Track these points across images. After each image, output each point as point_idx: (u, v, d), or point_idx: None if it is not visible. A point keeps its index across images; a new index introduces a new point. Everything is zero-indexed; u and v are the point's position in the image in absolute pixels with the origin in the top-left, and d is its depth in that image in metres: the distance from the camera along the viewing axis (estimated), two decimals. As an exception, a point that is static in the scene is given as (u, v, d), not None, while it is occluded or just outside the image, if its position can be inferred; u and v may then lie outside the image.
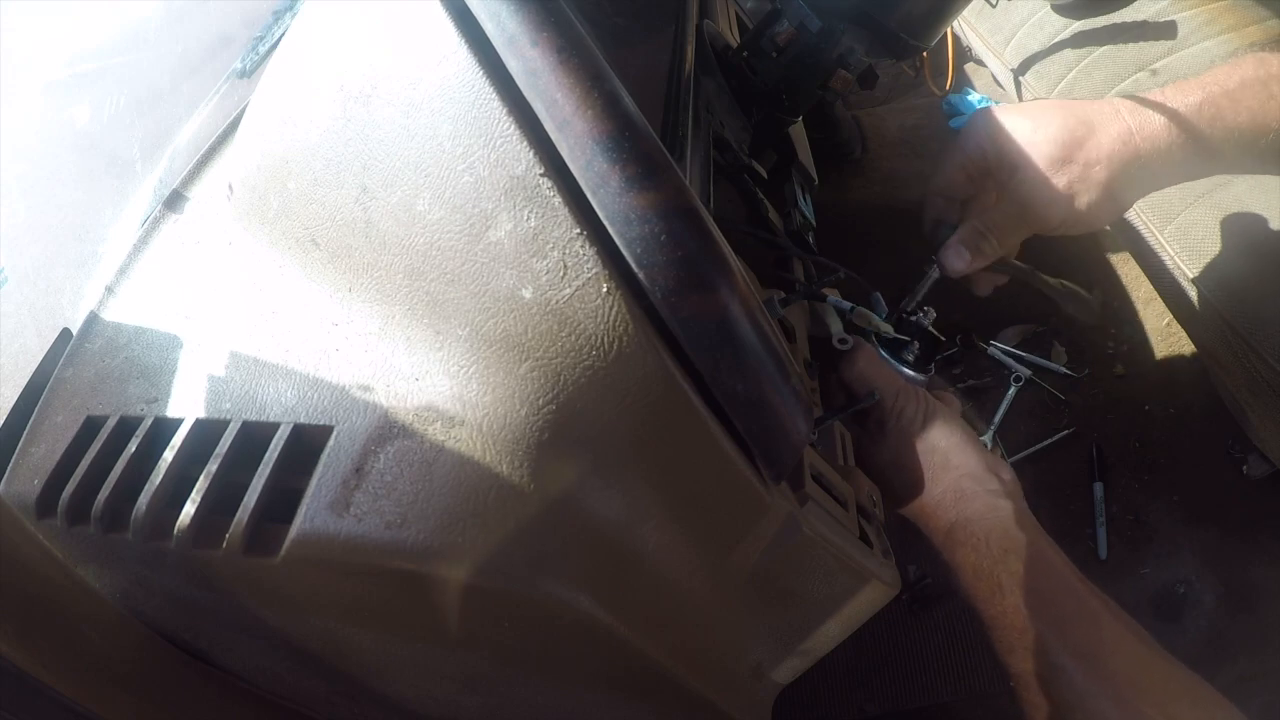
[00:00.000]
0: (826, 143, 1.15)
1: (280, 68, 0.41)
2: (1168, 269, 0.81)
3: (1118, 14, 0.97)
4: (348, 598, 0.35)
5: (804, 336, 0.57)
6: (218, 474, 0.35)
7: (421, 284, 0.34)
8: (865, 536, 0.44)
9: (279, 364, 0.37)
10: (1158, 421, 1.04)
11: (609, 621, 0.35)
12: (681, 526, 0.35)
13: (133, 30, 0.65)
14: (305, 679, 0.42)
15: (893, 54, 0.67)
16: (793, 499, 0.38)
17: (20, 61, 0.68)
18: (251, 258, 0.40)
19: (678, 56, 0.60)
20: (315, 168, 0.37)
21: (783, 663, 0.45)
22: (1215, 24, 0.88)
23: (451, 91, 0.31)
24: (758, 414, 0.33)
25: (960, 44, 1.33)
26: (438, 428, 0.33)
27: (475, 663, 0.39)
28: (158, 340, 0.42)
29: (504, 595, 0.33)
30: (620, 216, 0.30)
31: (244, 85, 0.52)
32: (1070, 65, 0.98)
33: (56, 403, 0.43)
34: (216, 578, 0.36)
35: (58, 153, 0.60)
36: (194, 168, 0.47)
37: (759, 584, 0.40)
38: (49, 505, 0.39)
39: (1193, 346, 0.98)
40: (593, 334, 0.31)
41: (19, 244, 0.56)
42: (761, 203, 0.63)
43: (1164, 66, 0.88)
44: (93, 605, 0.39)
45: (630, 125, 0.30)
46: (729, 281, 0.31)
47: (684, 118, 0.53)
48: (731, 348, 0.31)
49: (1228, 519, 0.94)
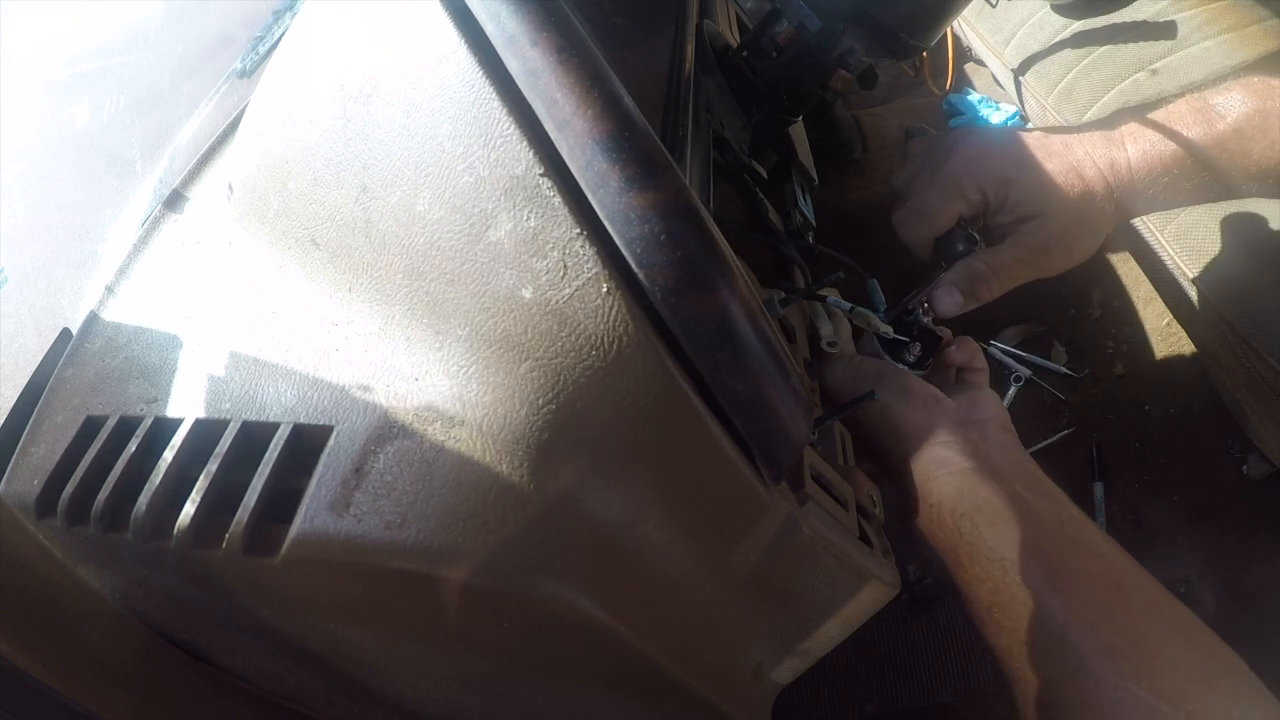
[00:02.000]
0: (826, 143, 1.15)
1: (280, 68, 0.41)
2: (1168, 269, 0.81)
3: (1118, 14, 0.97)
4: (348, 597, 0.35)
5: (804, 336, 0.57)
6: (218, 474, 0.35)
7: (421, 284, 0.34)
8: (865, 536, 0.44)
9: (279, 364, 0.37)
10: (1158, 421, 1.04)
11: (609, 621, 0.35)
12: (681, 526, 0.35)
13: (133, 30, 0.66)
14: (305, 679, 0.42)
15: (893, 54, 0.67)
16: (793, 499, 0.38)
17: (20, 61, 0.68)
18: (251, 258, 0.40)
19: (678, 56, 0.60)
20: (315, 168, 0.37)
21: (783, 663, 0.45)
22: (1215, 24, 0.88)
23: (451, 91, 0.31)
24: (758, 414, 0.33)
25: (960, 44, 1.33)
26: (438, 428, 0.33)
27: (475, 662, 0.39)
28: (158, 340, 0.42)
29: (504, 595, 0.33)
30: (620, 216, 0.30)
31: (244, 85, 0.52)
32: (1070, 65, 0.98)
33: (56, 403, 0.43)
34: (216, 578, 0.36)
35: (58, 153, 0.60)
36: (194, 168, 0.47)
37: (759, 584, 0.40)
38: (49, 505, 0.39)
39: (1193, 346, 0.98)
40: (592, 334, 0.31)
41: (19, 244, 0.56)
42: (761, 203, 0.63)
43: (1164, 66, 0.88)
44: (93, 605, 0.39)
45: (630, 125, 0.30)
46: (729, 281, 0.31)
47: (684, 118, 0.53)
48: (731, 348, 0.31)
49: (1228, 519, 0.94)
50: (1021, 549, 0.42)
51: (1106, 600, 0.41)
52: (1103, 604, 0.41)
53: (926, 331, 0.60)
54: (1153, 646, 0.39)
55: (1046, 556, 0.42)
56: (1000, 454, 0.47)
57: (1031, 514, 0.44)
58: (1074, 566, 0.42)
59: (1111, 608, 0.40)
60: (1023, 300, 1.17)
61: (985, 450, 0.47)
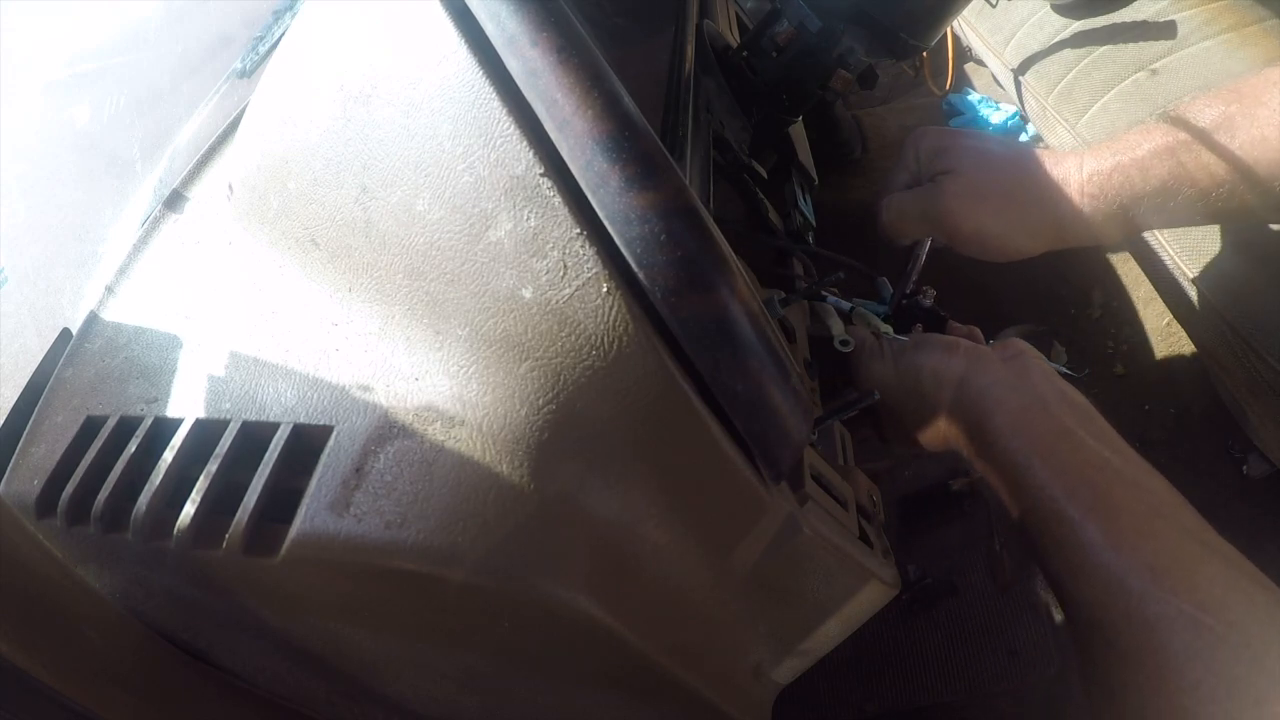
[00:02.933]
0: (826, 143, 1.15)
1: (280, 68, 0.41)
2: (1168, 269, 0.81)
3: (1118, 14, 0.97)
4: (348, 598, 0.35)
5: (804, 336, 0.57)
6: (218, 474, 0.35)
7: (421, 284, 0.34)
8: (865, 536, 0.44)
9: (279, 364, 0.37)
10: (1158, 421, 1.04)
11: (608, 621, 0.35)
12: (681, 526, 0.35)
13: (133, 30, 0.66)
14: (305, 679, 0.42)
15: (893, 54, 0.67)
16: (793, 499, 0.38)
17: (20, 61, 0.68)
18: (251, 258, 0.40)
19: (678, 56, 0.60)
20: (315, 168, 0.37)
21: (783, 663, 0.45)
22: (1215, 24, 0.88)
23: (451, 91, 0.31)
24: (758, 414, 0.33)
25: (960, 44, 1.33)
26: (438, 428, 0.33)
27: (475, 662, 0.39)
28: (158, 340, 0.42)
29: (503, 595, 0.33)
30: (620, 216, 0.30)
31: (244, 85, 0.52)
32: (1070, 65, 0.98)
33: (56, 403, 0.43)
34: (216, 578, 0.36)
35: (58, 153, 0.60)
36: (194, 168, 0.47)
37: (759, 584, 0.40)
38: (49, 505, 0.39)
39: (1193, 346, 0.98)
40: (592, 334, 0.31)
41: (19, 244, 0.56)
42: (761, 203, 0.63)
43: (1164, 66, 0.88)
44: (93, 605, 0.39)
45: (630, 125, 0.30)
46: (729, 281, 0.31)
47: (684, 118, 0.53)
48: (731, 348, 0.31)
49: (1228, 519, 0.94)
50: (1069, 481, 0.44)
51: (1147, 524, 0.42)
52: (1144, 527, 0.42)
53: (930, 313, 0.60)
54: (1191, 564, 0.41)
55: (1091, 486, 0.44)
56: (1047, 384, 0.49)
57: (1079, 446, 0.46)
58: (1115, 495, 0.43)
59: (1151, 531, 0.42)
60: (1023, 300, 1.17)
61: (1033, 383, 0.49)
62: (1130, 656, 0.40)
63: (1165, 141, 0.54)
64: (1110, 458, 0.45)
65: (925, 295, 0.60)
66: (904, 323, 0.60)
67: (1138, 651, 0.40)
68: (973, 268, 0.62)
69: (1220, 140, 0.52)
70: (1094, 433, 0.47)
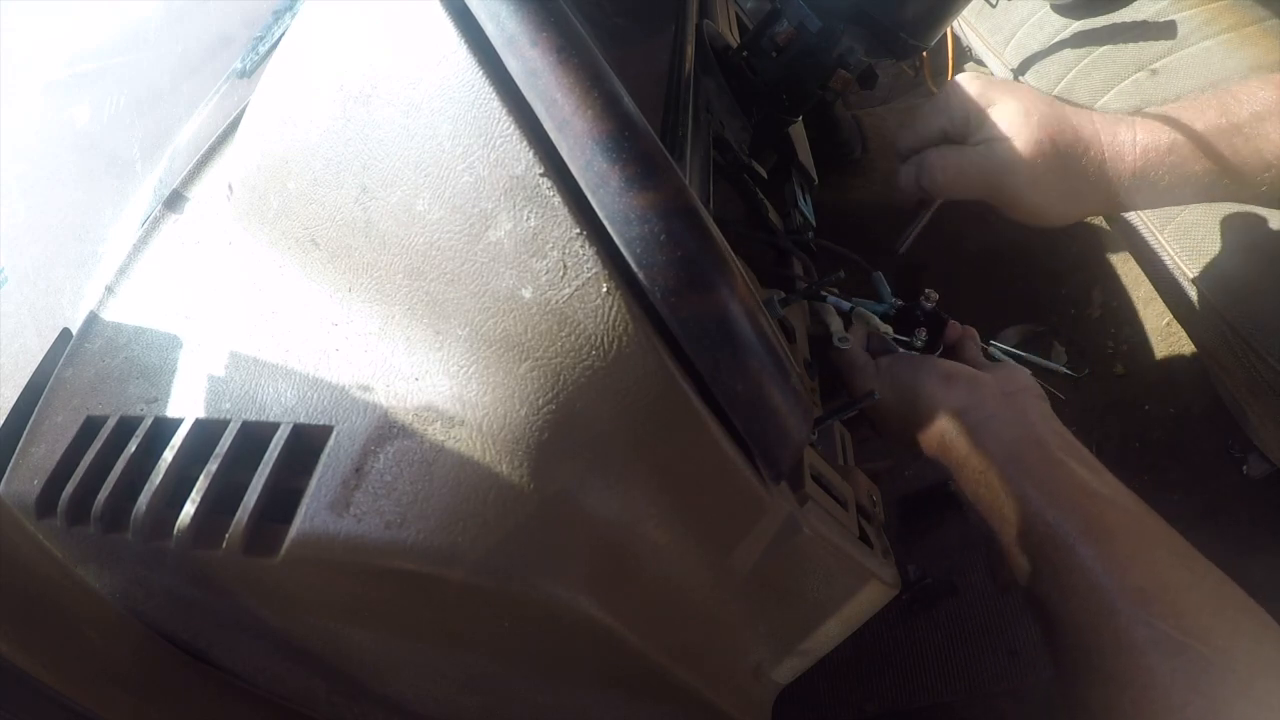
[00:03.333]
0: (826, 143, 1.15)
1: (280, 68, 0.41)
2: (1168, 269, 0.81)
3: (1118, 14, 0.97)
4: (348, 597, 0.35)
5: (804, 336, 0.57)
6: (218, 474, 0.35)
7: (421, 284, 0.34)
8: (865, 536, 0.44)
9: (279, 364, 0.37)
10: (1158, 421, 1.04)
11: (608, 621, 0.35)
12: (681, 526, 0.35)
13: (133, 30, 0.66)
14: (305, 679, 0.42)
15: (893, 54, 0.67)
16: (793, 499, 0.38)
17: (20, 61, 0.68)
18: (251, 258, 0.40)
19: (678, 56, 0.60)
20: (315, 168, 0.37)
21: (783, 663, 0.45)
22: (1215, 24, 0.88)
23: (451, 91, 0.31)
24: (758, 414, 0.33)
25: (960, 44, 1.33)
26: (437, 428, 0.33)
27: (475, 662, 0.39)
28: (158, 340, 0.42)
29: (503, 595, 0.33)
30: (620, 216, 0.30)
31: (244, 85, 0.52)
32: (1070, 65, 0.98)
33: (56, 403, 0.43)
34: (216, 578, 0.36)
35: (58, 153, 0.60)
36: (194, 168, 0.47)
37: (759, 584, 0.40)
38: (49, 505, 0.39)
39: (1193, 346, 0.98)
40: (592, 334, 0.31)
41: (19, 244, 0.56)
42: (761, 203, 0.63)
43: (1164, 66, 0.88)
44: (93, 605, 0.39)
45: (630, 125, 0.30)
46: (729, 281, 0.31)
47: (684, 118, 0.53)
48: (731, 347, 0.31)
49: (1228, 519, 0.94)
50: (1063, 506, 0.45)
51: (1136, 549, 0.43)
52: (1132, 552, 0.43)
53: (931, 315, 0.60)
54: (1179, 589, 0.41)
55: (1083, 512, 0.44)
56: (1042, 422, 0.50)
57: (1073, 475, 0.47)
58: (1108, 520, 0.44)
59: (1140, 556, 0.43)
60: (1023, 300, 1.17)
61: (1030, 420, 0.50)
62: (1117, 679, 0.40)
63: (1219, 123, 0.54)
64: (1101, 488, 0.46)
65: (927, 298, 0.60)
66: (905, 325, 0.60)
67: (1125, 674, 0.40)
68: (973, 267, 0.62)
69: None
70: (1087, 466, 0.48)
